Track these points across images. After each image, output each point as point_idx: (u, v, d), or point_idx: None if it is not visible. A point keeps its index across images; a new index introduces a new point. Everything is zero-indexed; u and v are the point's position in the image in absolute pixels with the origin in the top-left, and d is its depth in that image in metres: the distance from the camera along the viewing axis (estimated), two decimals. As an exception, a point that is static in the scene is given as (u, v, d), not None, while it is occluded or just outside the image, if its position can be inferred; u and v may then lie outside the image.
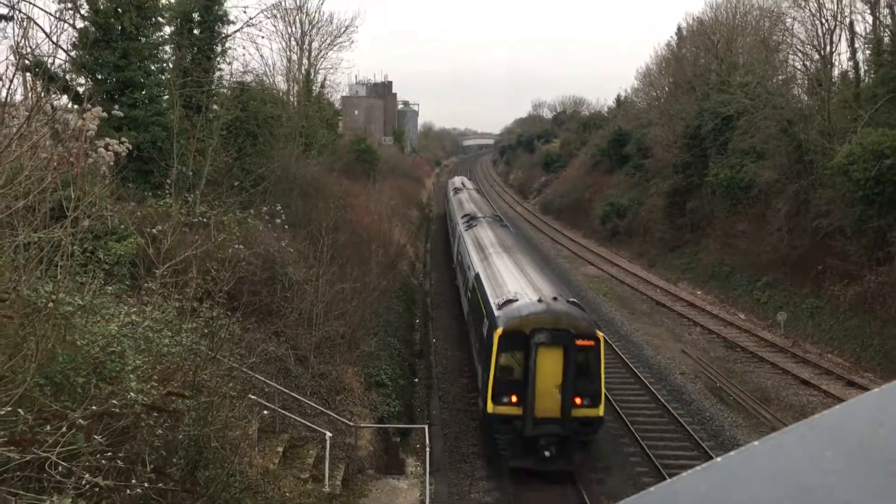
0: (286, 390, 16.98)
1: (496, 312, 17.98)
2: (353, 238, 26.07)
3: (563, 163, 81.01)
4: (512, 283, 20.17)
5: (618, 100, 76.83)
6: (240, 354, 14.63)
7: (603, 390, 17.36)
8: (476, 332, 21.19)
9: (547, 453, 17.00)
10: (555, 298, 18.01)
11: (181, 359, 10.41)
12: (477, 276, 22.64)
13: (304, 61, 42.64)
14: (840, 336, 28.80)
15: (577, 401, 17.04)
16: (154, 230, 13.65)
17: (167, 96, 22.54)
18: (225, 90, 26.18)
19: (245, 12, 49.70)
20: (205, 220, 15.38)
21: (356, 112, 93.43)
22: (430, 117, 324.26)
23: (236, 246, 15.20)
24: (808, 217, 33.07)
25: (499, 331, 17.10)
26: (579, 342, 16.98)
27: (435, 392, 24.21)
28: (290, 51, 42.10)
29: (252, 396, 13.84)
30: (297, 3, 41.89)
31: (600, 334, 17.30)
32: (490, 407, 17.23)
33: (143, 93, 22.08)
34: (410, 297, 33.44)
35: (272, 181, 25.04)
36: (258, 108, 26.94)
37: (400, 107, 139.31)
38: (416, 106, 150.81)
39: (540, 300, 17.84)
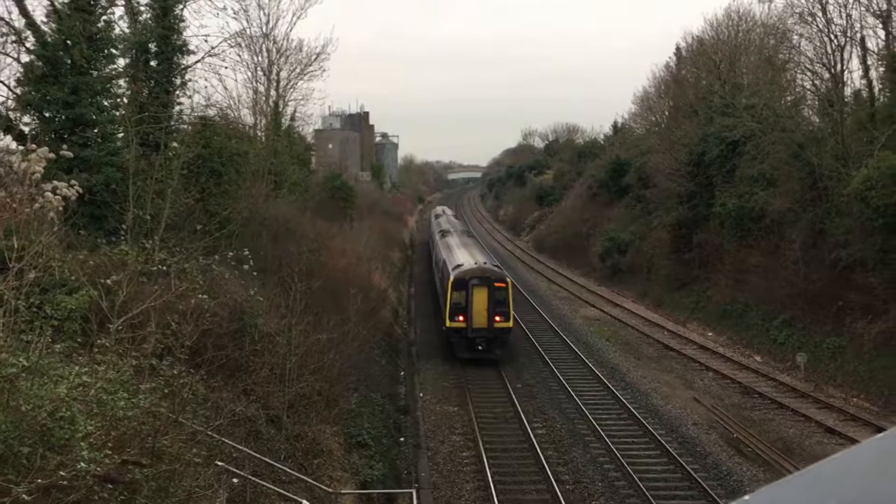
0: (258, 455, 16.67)
1: (451, 271, 34.55)
2: (330, 284, 25.77)
3: (557, 196, 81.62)
4: (463, 258, 37.00)
5: (615, 126, 77.63)
6: (204, 416, 14.39)
7: (512, 312, 34.15)
8: (441, 287, 38.41)
9: (480, 347, 33.49)
10: (485, 262, 35.71)
11: (139, 423, 10.22)
12: (444, 260, 39.04)
13: (272, 92, 42.59)
14: (866, 378, 28.64)
15: (497, 318, 33.44)
16: (108, 281, 13.45)
17: (122, 134, 22.42)
18: (185, 126, 26.19)
19: (206, 41, 49.55)
20: (164, 268, 15.18)
21: (330, 146, 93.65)
22: (412, 150, 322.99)
23: (199, 296, 15.03)
24: (825, 248, 33.14)
25: (451, 279, 33.59)
26: (496, 284, 33.58)
27: (423, 452, 23.87)
28: (256, 81, 42.15)
29: (219, 463, 13.56)
30: (264, 31, 42.03)
31: (510, 280, 34.83)
32: (447, 322, 33.97)
33: (96, 131, 21.87)
34: (394, 347, 32.92)
35: (239, 223, 24.92)
36: (222, 144, 26.70)
37: (378, 139, 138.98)
38: (395, 138, 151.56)
39: (475, 263, 34.96)
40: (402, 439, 24.56)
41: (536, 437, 24.60)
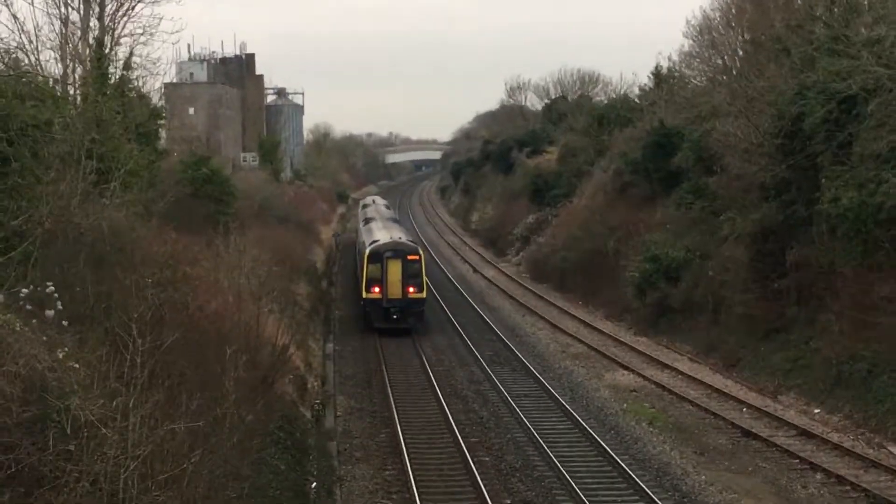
0: None
1: (368, 246, 41.62)
2: (193, 338, 20.53)
3: (564, 188, 59.61)
4: (380, 235, 43.85)
5: (656, 74, 55.83)
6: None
7: (425, 283, 40.16)
8: (358, 262, 47.00)
9: (395, 317, 39.38)
10: (400, 238, 42.26)
11: None
12: (363, 241, 45.92)
13: (93, 23, 32.39)
14: None
15: (411, 289, 39.35)
16: None
17: None
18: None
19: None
20: None
21: (192, 110, 73.03)
22: (327, 116, 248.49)
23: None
24: None
25: (367, 252, 40.50)
26: (410, 257, 39.71)
27: None
28: (65, 6, 31.02)
29: None
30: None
31: (422, 252, 41.14)
32: (364, 294, 40.14)
33: None
34: (299, 442, 25.09)
35: (38, 240, 20.17)
36: (10, 108, 21.04)
37: (271, 98, 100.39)
38: (298, 97, 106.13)
39: (391, 239, 41.75)
40: None
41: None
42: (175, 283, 22.44)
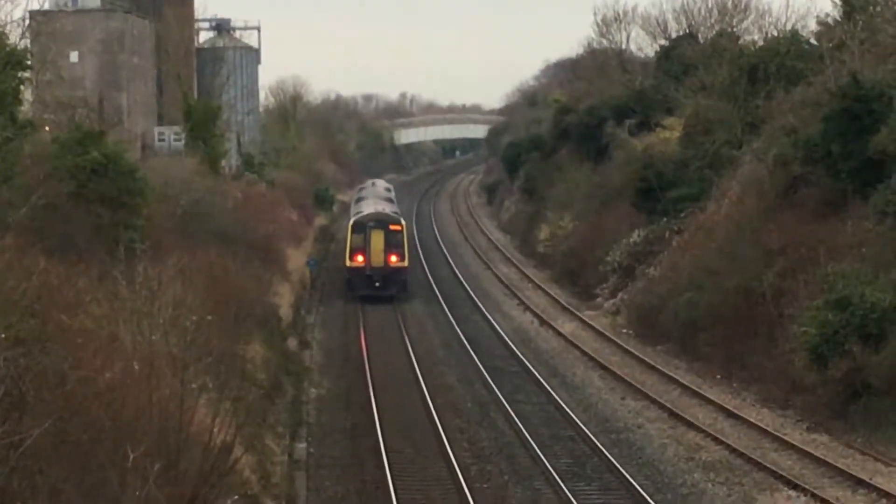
0: None
1: (352, 217, 49.88)
2: (72, 431, 17.03)
3: (692, 187, 45.92)
4: (367, 208, 51.30)
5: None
6: None
7: (406, 252, 47.46)
8: (345, 237, 52.96)
9: (377, 284, 45.63)
10: (384, 210, 49.83)
11: None
12: (351, 216, 52.96)
13: None
14: None
15: (393, 258, 46.03)
16: None
17: None
18: None
19: None
20: None
21: (74, 55, 54.62)
22: (299, 68, 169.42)
23: None
24: None
25: (351, 223, 48.01)
26: (392, 227, 46.52)
27: None
28: None
29: None
30: None
31: (404, 223, 48.47)
32: (347, 262, 46.79)
33: None
34: None
35: None
36: None
37: (206, 37, 74.36)
38: (251, 35, 77.77)
39: (375, 210, 49.31)
40: None
41: None
42: (44, 341, 18.82)
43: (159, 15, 63.75)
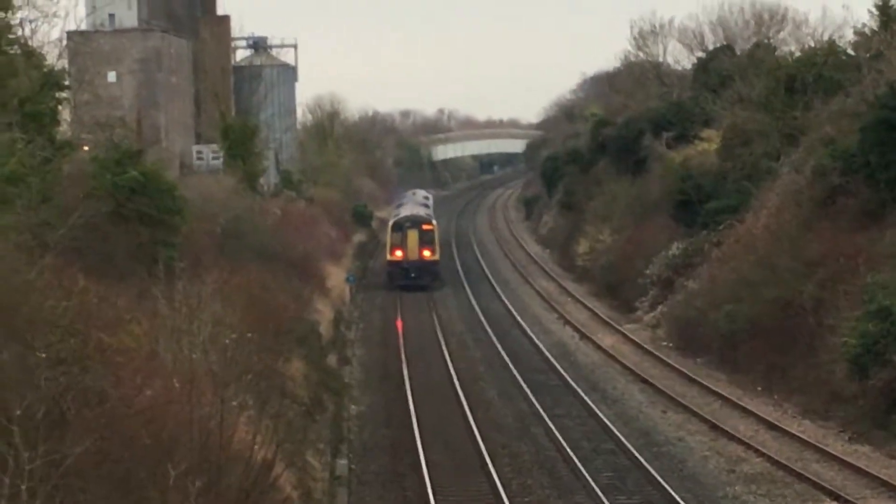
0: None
1: (392, 220, 60.59)
2: (113, 449, 16.90)
3: (731, 199, 44.69)
4: (404, 211, 61.54)
5: (884, 7, 42.59)
6: None
7: (438, 247, 57.17)
8: (384, 238, 62.87)
9: (413, 275, 54.46)
10: (418, 213, 60.78)
11: None
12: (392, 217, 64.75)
13: None
14: None
15: (426, 252, 55.32)
16: None
17: None
18: None
19: None
20: None
21: (112, 75, 53.94)
22: (336, 85, 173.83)
23: None
24: None
25: (391, 223, 58.94)
26: (424, 227, 56.51)
27: None
28: None
29: None
30: None
31: (435, 223, 58.83)
32: (388, 256, 56.54)
33: None
34: None
35: None
36: None
37: (243, 55, 75.05)
38: (288, 53, 77.79)
39: (410, 214, 60.26)
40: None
41: None
42: (85, 360, 18.84)
43: (196, 34, 63.95)
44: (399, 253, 54.83)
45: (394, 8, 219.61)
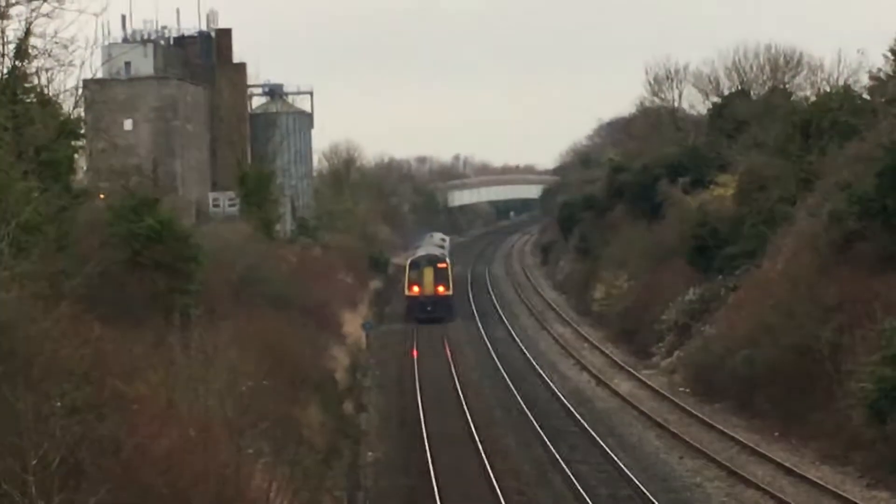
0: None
1: (410, 259, 68.01)
2: (129, 499, 16.55)
3: (748, 244, 43.61)
4: (421, 251, 69.11)
5: None
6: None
7: (451, 282, 63.49)
8: (404, 273, 69.13)
9: (429, 308, 61.09)
10: (433, 252, 67.77)
11: None
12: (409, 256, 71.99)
13: None
14: None
15: (440, 288, 62.39)
16: None
17: None
18: None
19: None
20: None
21: (129, 123, 53.53)
22: (352, 132, 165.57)
23: None
24: None
25: (409, 262, 66.26)
26: (439, 265, 63.53)
27: None
28: None
29: None
30: None
31: (448, 262, 65.20)
32: (406, 292, 63.81)
33: None
34: None
35: None
36: None
37: (259, 103, 73.94)
38: (304, 100, 76.87)
39: (426, 254, 67.33)
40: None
41: None
42: (100, 409, 18.56)
43: (212, 81, 64.04)
44: (416, 288, 60.49)
45: (409, 55, 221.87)
